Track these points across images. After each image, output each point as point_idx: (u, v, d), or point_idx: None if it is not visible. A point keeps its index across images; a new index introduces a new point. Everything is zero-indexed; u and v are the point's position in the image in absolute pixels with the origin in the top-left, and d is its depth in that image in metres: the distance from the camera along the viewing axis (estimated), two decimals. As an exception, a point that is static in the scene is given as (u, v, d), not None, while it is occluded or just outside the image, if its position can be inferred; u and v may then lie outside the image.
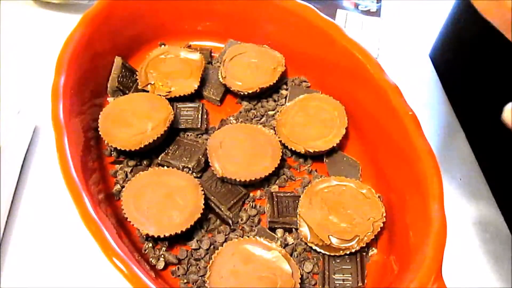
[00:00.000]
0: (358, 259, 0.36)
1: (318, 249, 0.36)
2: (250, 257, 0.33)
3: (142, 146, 0.38)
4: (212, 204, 0.38)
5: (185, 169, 0.39)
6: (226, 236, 0.37)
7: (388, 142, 0.39)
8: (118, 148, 0.38)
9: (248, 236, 0.36)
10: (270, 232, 0.37)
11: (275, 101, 0.46)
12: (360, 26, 0.55)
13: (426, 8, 0.60)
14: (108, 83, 0.43)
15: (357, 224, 0.36)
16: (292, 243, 0.37)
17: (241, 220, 0.38)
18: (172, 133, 0.41)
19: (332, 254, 0.36)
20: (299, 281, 0.33)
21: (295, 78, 0.47)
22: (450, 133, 0.49)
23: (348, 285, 0.35)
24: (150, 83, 0.43)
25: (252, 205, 0.39)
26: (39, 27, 0.51)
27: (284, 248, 0.36)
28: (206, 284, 0.32)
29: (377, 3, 0.58)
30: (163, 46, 0.47)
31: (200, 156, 0.39)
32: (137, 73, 0.44)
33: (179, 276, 0.35)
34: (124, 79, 0.44)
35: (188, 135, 0.42)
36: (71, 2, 0.52)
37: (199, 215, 0.35)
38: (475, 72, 0.50)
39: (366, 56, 0.40)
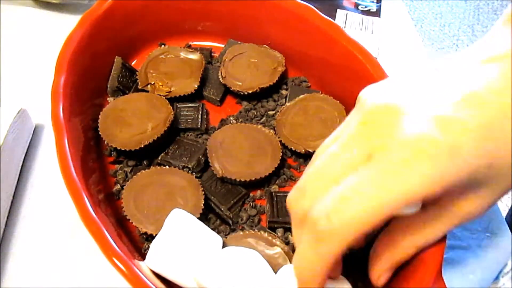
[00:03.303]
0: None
1: (318, 249, 0.36)
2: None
3: (142, 146, 0.38)
4: (212, 204, 0.38)
5: (185, 169, 0.39)
6: (226, 236, 0.37)
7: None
8: (118, 148, 0.38)
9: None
10: (271, 232, 0.37)
11: (275, 101, 0.46)
12: (360, 26, 0.55)
13: (426, 8, 0.60)
14: (108, 83, 0.43)
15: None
16: (293, 242, 0.37)
17: (241, 220, 0.38)
18: (172, 133, 0.41)
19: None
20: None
21: (295, 78, 0.47)
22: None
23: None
24: (150, 83, 0.43)
25: (252, 205, 0.39)
26: (39, 27, 0.51)
27: (284, 247, 0.35)
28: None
29: (377, 3, 0.58)
30: (163, 46, 0.47)
31: (200, 156, 0.39)
32: (137, 73, 0.44)
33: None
34: (124, 79, 0.44)
35: (188, 135, 0.42)
36: (71, 2, 0.52)
37: (199, 215, 0.35)
38: None
39: (366, 56, 0.40)
